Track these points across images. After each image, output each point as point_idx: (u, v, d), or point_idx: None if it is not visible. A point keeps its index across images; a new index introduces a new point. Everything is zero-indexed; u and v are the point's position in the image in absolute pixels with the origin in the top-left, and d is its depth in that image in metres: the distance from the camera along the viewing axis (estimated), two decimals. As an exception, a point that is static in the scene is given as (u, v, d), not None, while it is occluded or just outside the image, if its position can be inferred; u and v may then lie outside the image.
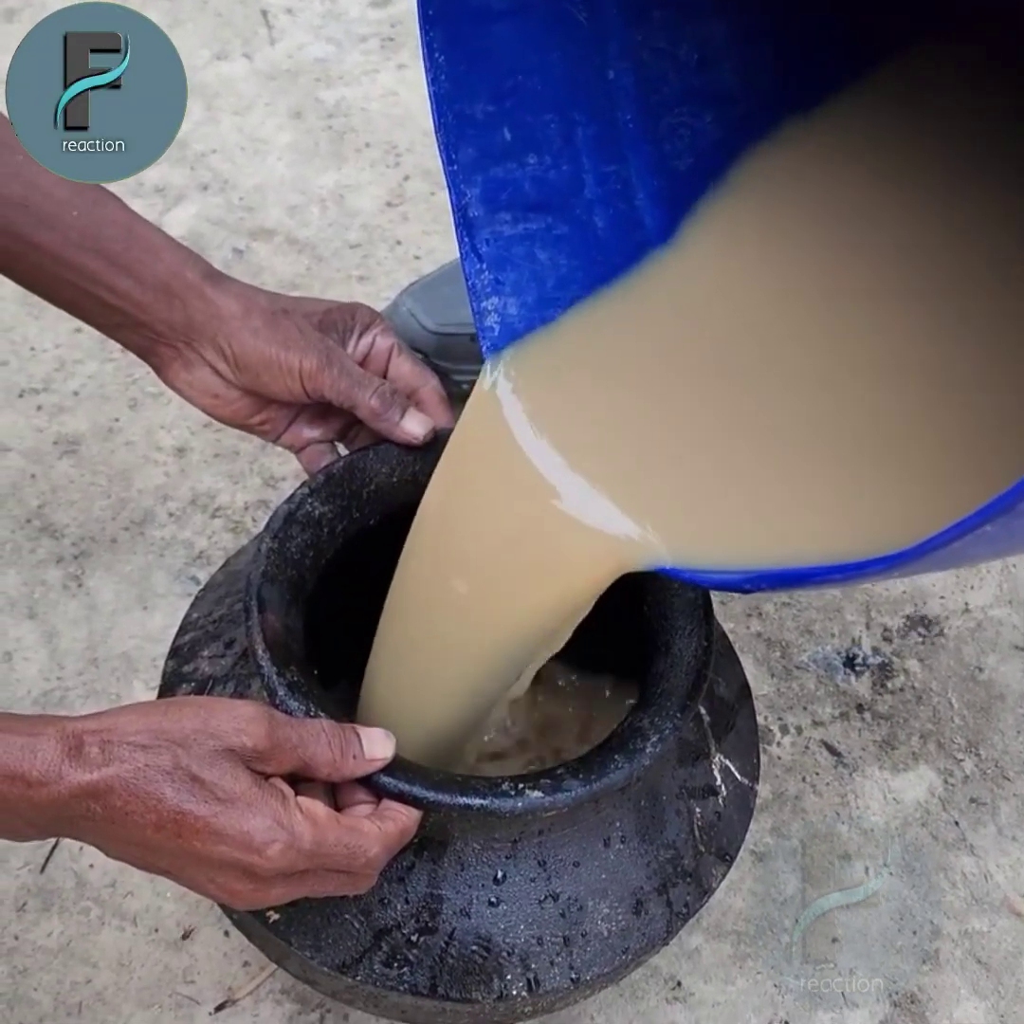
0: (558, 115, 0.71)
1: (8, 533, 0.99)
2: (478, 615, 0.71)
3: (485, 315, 0.71)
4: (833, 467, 0.67)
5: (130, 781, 0.55)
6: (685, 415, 0.69)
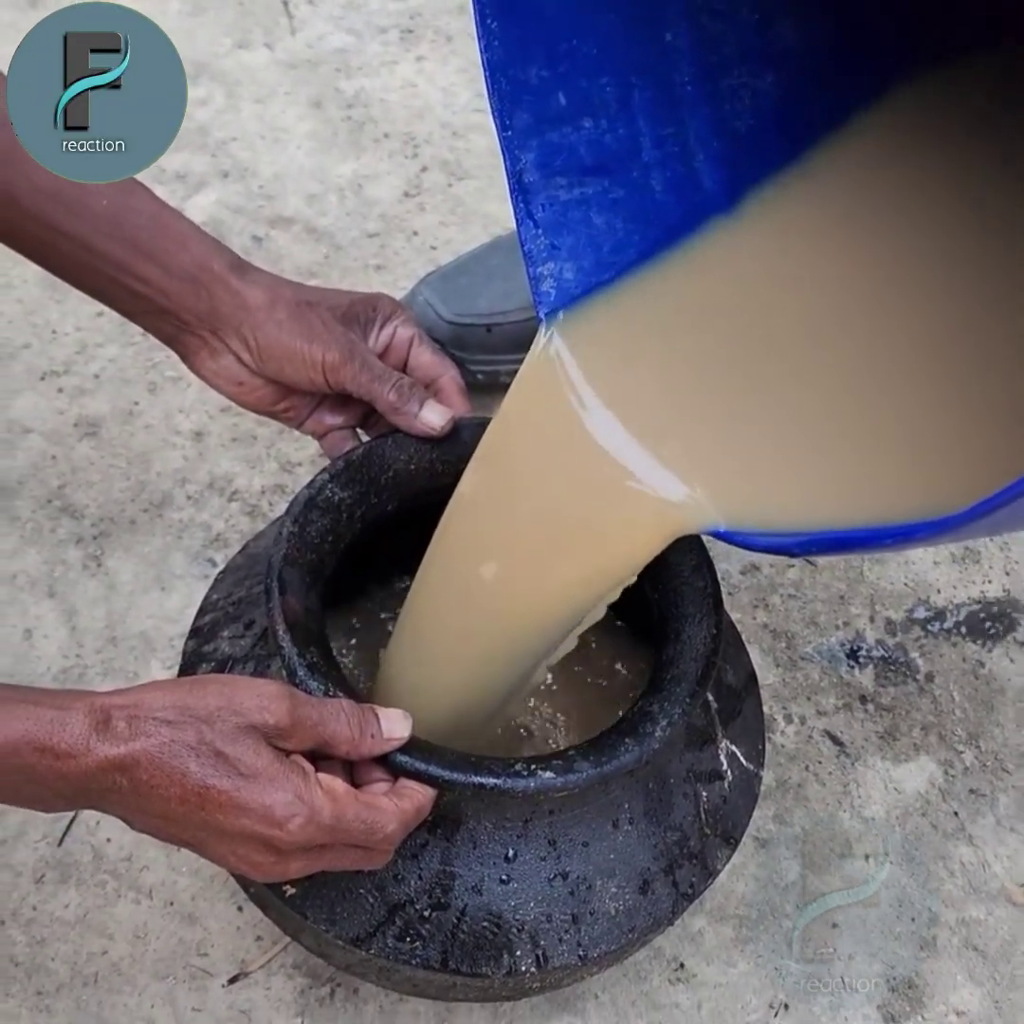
0: (614, 78, 0.71)
1: (29, 513, 1.01)
2: (517, 591, 0.72)
3: (541, 280, 0.71)
4: (881, 437, 0.68)
5: (156, 755, 0.57)
6: (737, 383, 0.70)
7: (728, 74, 0.73)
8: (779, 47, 0.74)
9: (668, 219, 0.73)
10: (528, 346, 1.04)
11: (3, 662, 0.93)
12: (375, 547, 0.78)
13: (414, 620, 0.76)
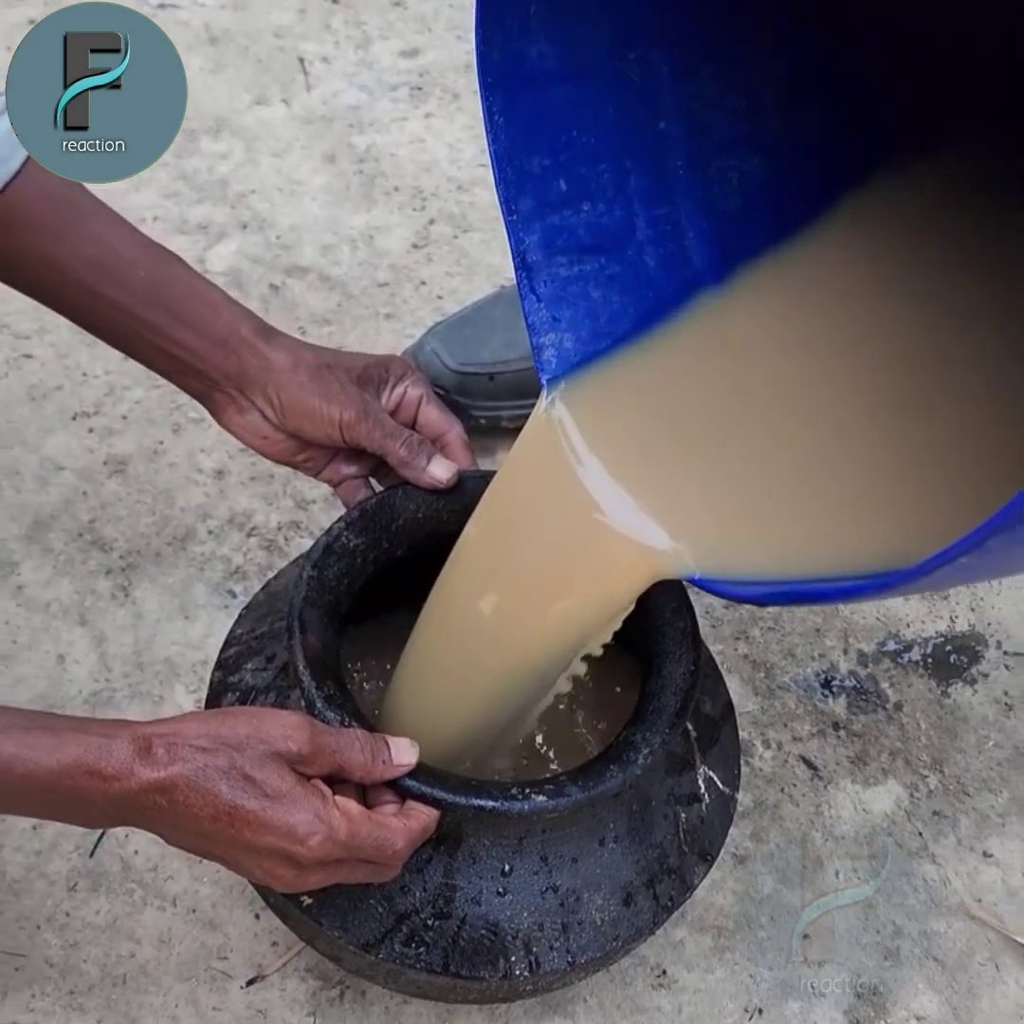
0: (611, 165, 0.76)
1: (62, 545, 1.08)
2: (516, 626, 0.78)
3: (543, 349, 0.77)
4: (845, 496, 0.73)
5: (191, 778, 0.64)
6: (718, 444, 0.76)
7: (717, 158, 0.79)
8: (765, 132, 0.80)
9: (660, 292, 0.78)
10: (527, 393, 1.13)
11: (39, 685, 1.00)
12: (384, 583, 0.85)
13: (418, 652, 0.82)
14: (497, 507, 0.78)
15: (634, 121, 0.76)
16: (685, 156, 0.78)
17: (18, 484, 1.10)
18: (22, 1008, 0.87)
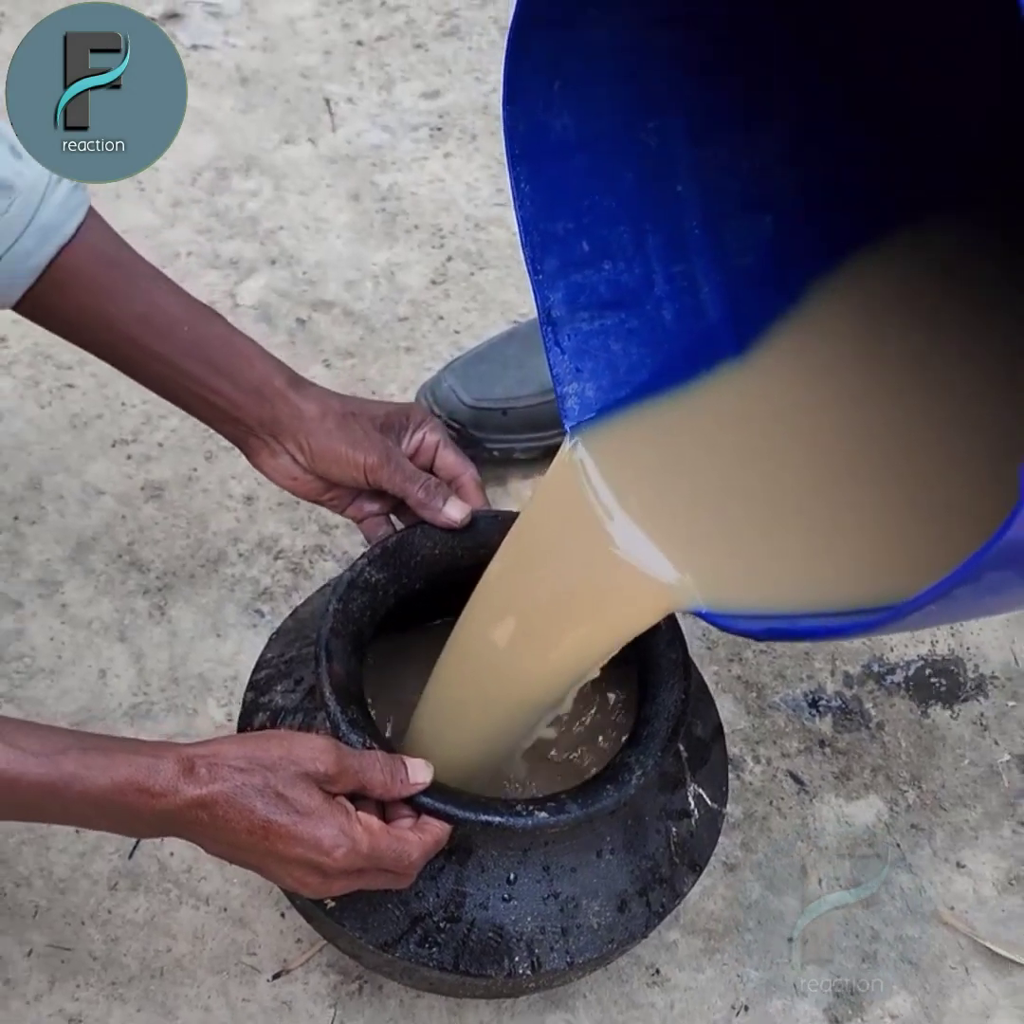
0: (630, 226, 0.81)
1: (103, 566, 1.15)
2: (531, 656, 0.83)
3: (566, 398, 0.83)
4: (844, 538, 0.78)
5: (230, 795, 0.71)
6: (727, 489, 0.81)
7: (731, 217, 0.83)
8: (776, 191, 0.84)
9: (677, 344, 0.83)
10: (538, 427, 1.20)
11: (82, 698, 1.07)
12: (403, 614, 0.92)
13: (440, 681, 0.89)
14: (520, 543, 0.84)
15: (651, 185, 0.81)
16: (700, 216, 0.83)
17: (62, 508, 1.18)
18: (68, 997, 0.94)
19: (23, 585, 1.13)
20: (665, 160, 0.81)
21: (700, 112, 0.80)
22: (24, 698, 1.07)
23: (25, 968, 0.95)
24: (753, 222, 0.85)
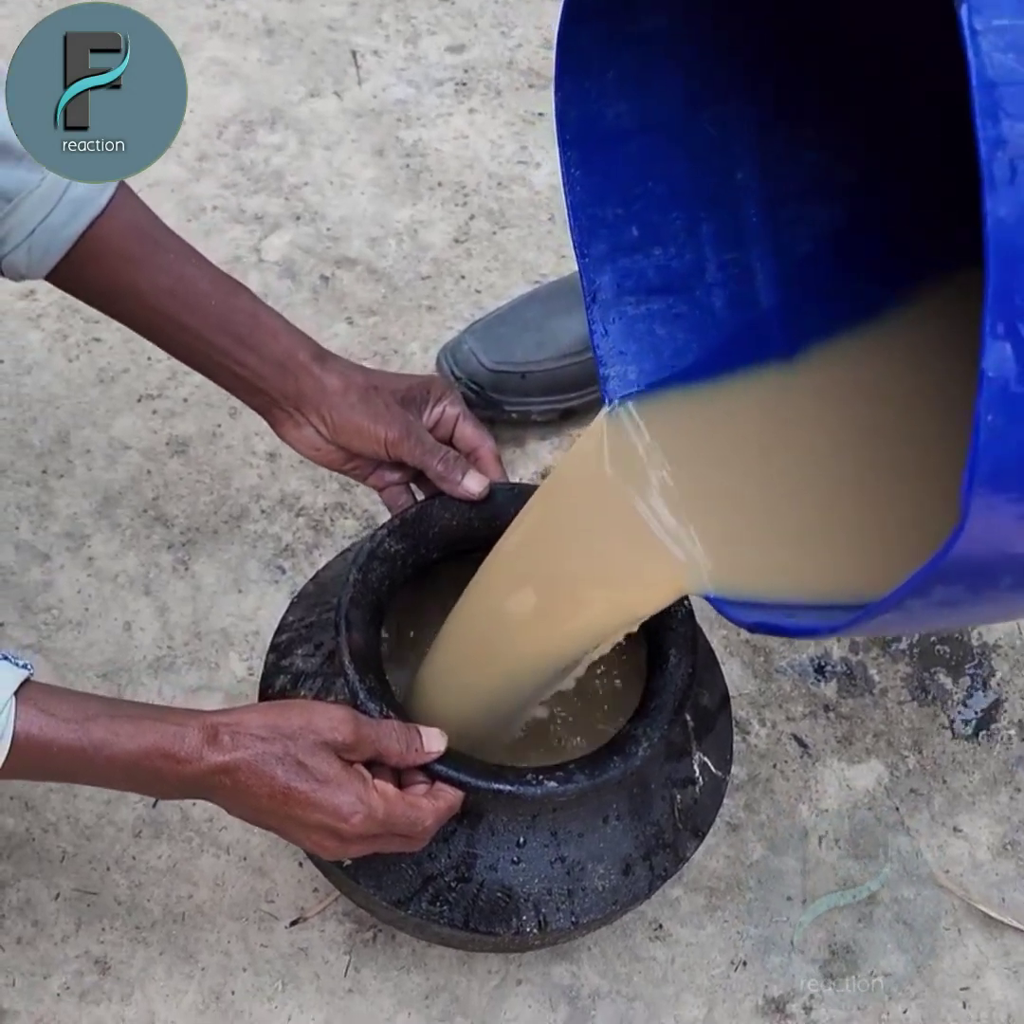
0: (683, 213, 0.80)
1: (128, 521, 1.18)
2: (549, 622, 0.84)
3: (609, 379, 0.83)
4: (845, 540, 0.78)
5: (252, 763, 0.74)
6: (751, 484, 0.81)
7: (790, 205, 0.82)
8: (841, 183, 0.82)
9: (725, 331, 0.83)
10: (555, 390, 1.22)
11: (108, 650, 1.10)
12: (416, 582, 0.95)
13: (449, 644, 0.91)
14: (544, 508, 0.84)
15: (708, 172, 0.81)
16: (759, 203, 0.82)
17: (89, 462, 1.20)
18: (94, 939, 0.98)
19: (51, 538, 1.16)
20: (724, 147, 0.80)
21: (764, 101, 0.79)
22: (52, 649, 1.10)
23: (53, 911, 0.99)
24: (813, 211, 0.83)
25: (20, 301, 1.30)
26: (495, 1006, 0.98)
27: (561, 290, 1.24)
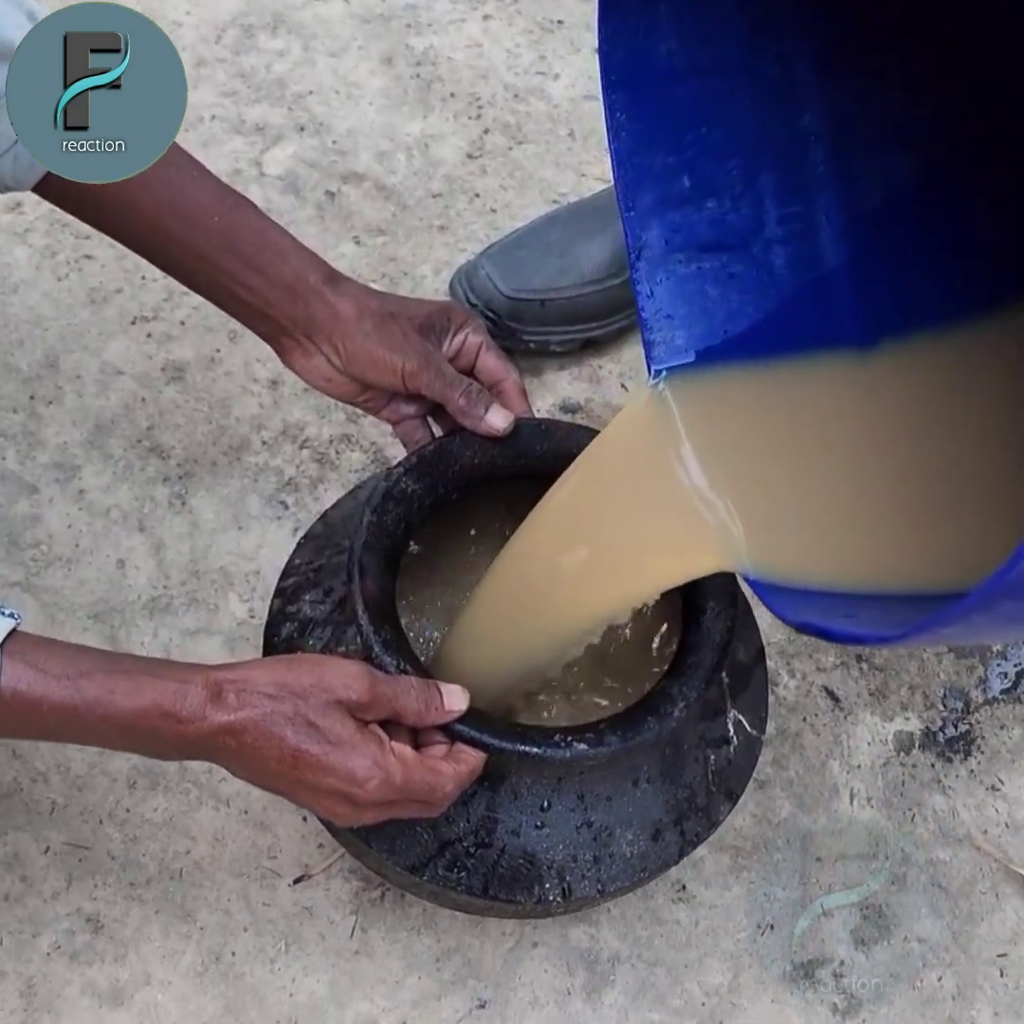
0: (742, 161, 0.75)
1: (122, 451, 1.11)
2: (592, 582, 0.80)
3: (654, 344, 0.77)
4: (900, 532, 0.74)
5: (259, 723, 0.69)
6: (799, 469, 0.76)
7: (862, 153, 0.75)
8: (920, 130, 0.75)
9: (784, 293, 0.77)
10: (576, 320, 1.17)
11: (100, 589, 1.05)
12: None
13: (487, 600, 0.86)
14: (592, 476, 0.80)
15: (770, 116, 0.74)
16: (827, 152, 0.75)
17: (80, 389, 1.14)
18: (86, 896, 0.93)
19: (39, 469, 1.10)
20: (788, 90, 0.74)
21: (832, 39, 0.73)
22: (41, 587, 1.04)
23: (42, 866, 0.94)
24: (890, 161, 0.76)
25: (6, 215, 1.23)
26: (510, 970, 0.94)
27: (583, 212, 1.19)
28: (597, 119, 1.32)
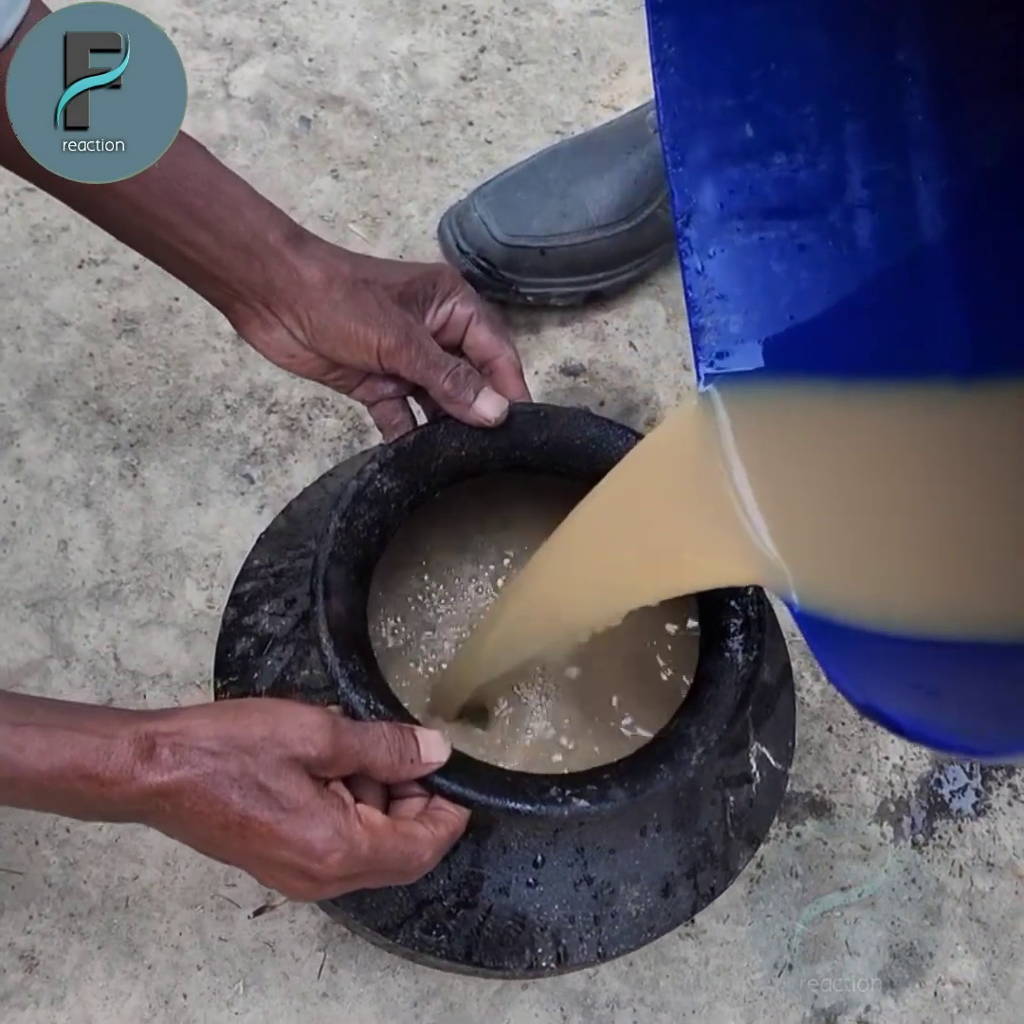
0: (820, 107, 0.64)
1: (66, 415, 0.99)
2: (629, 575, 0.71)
3: (703, 331, 0.67)
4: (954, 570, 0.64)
5: (199, 784, 0.59)
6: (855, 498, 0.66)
7: (974, 100, 0.64)
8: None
9: (866, 273, 0.66)
10: (580, 270, 1.05)
11: (39, 574, 0.93)
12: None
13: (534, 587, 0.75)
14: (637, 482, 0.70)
15: (857, 51, 0.64)
16: (928, 97, 0.64)
17: (19, 342, 1.01)
18: (19, 929, 0.85)
19: (-29, 434, 0.98)
20: (879, 17, 0.63)
21: None
22: (-29, 572, 0.93)
23: (-32, 894, 0.84)
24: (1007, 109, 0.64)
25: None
26: (496, 1015, 0.86)
27: (590, 147, 1.06)
28: (607, 36, 1.20)
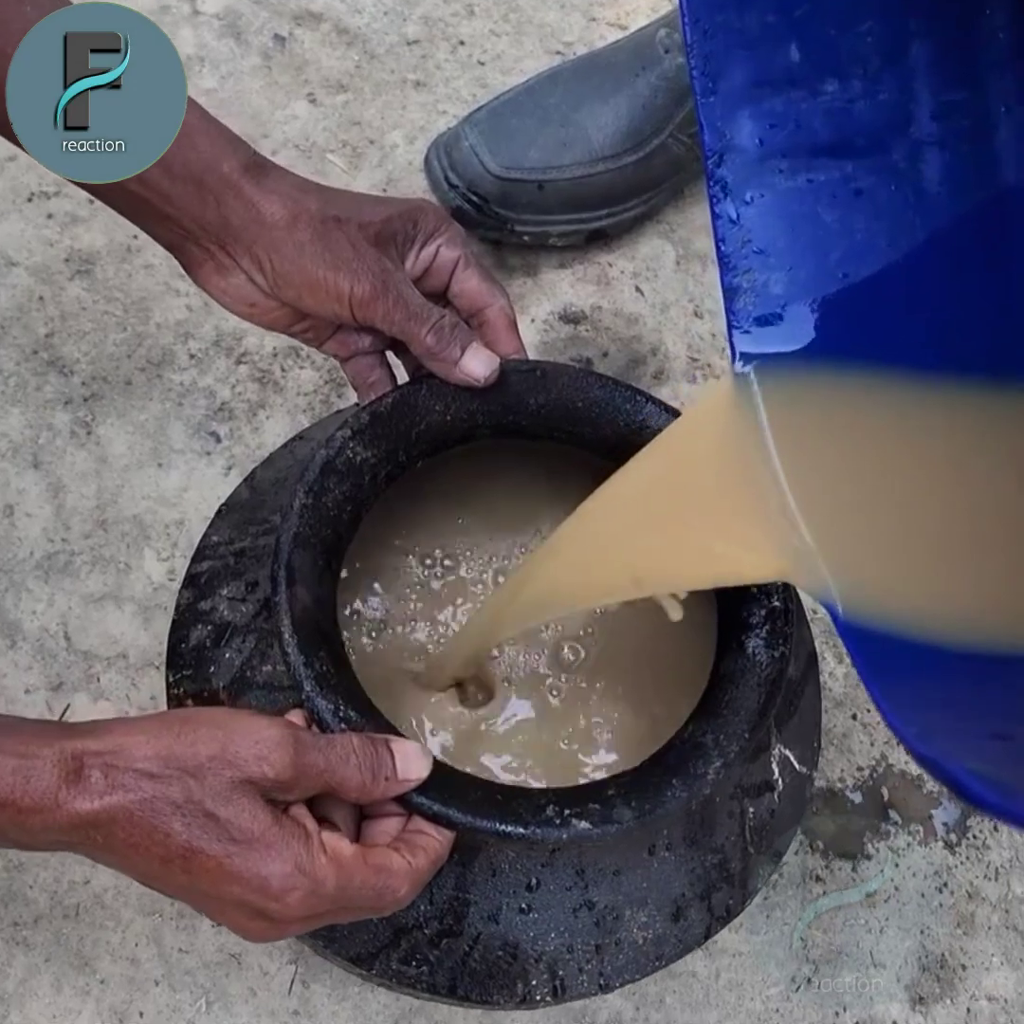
0: (881, 24, 0.57)
1: (13, 365, 0.90)
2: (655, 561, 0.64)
3: (739, 292, 0.59)
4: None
5: (135, 812, 0.51)
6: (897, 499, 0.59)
7: None
8: None
9: (935, 224, 0.58)
10: (581, 206, 0.96)
11: (-18, 543, 0.85)
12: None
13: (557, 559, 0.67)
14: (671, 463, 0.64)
15: None
16: (1013, 10, 0.56)
17: (-40, 283, 0.92)
18: None
19: (-92, 387, 0.89)
20: None
21: None
22: (-94, 540, 0.84)
23: (-100, 902, 0.77)
24: None
25: None
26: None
27: (593, 69, 0.98)
28: (611, -53, 1.10)
